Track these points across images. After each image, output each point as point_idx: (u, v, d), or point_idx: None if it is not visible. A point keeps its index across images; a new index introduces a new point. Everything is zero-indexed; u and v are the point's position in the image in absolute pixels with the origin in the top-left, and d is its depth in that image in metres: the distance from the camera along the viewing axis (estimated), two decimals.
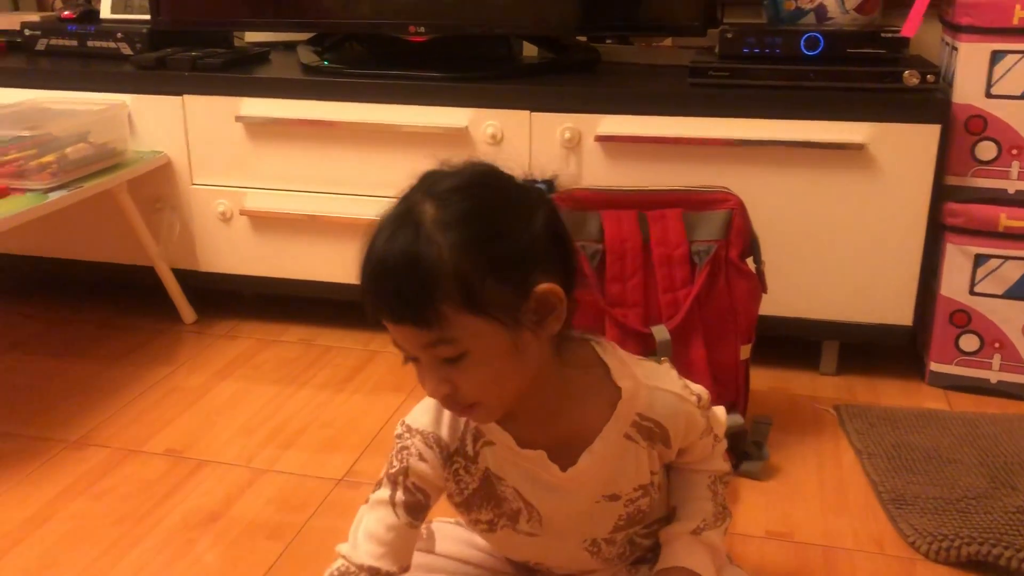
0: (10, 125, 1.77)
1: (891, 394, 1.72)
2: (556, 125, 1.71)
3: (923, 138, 1.59)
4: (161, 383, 1.78)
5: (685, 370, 1.41)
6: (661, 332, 1.40)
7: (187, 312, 2.04)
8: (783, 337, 1.75)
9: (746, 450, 1.47)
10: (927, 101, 1.59)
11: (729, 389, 1.46)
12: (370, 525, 0.96)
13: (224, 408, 1.69)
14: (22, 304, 2.18)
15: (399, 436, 0.98)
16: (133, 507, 1.39)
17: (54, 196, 1.65)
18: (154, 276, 1.99)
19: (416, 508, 0.96)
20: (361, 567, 0.94)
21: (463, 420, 0.95)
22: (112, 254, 2.03)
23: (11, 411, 1.67)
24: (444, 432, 0.96)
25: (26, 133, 1.69)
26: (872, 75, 1.62)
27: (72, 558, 1.27)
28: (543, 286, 0.83)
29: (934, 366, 1.73)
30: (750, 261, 1.48)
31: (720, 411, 1.06)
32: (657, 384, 0.96)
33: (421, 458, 0.95)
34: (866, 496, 1.40)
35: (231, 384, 1.78)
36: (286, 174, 1.88)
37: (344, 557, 0.96)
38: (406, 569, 0.97)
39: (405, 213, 0.83)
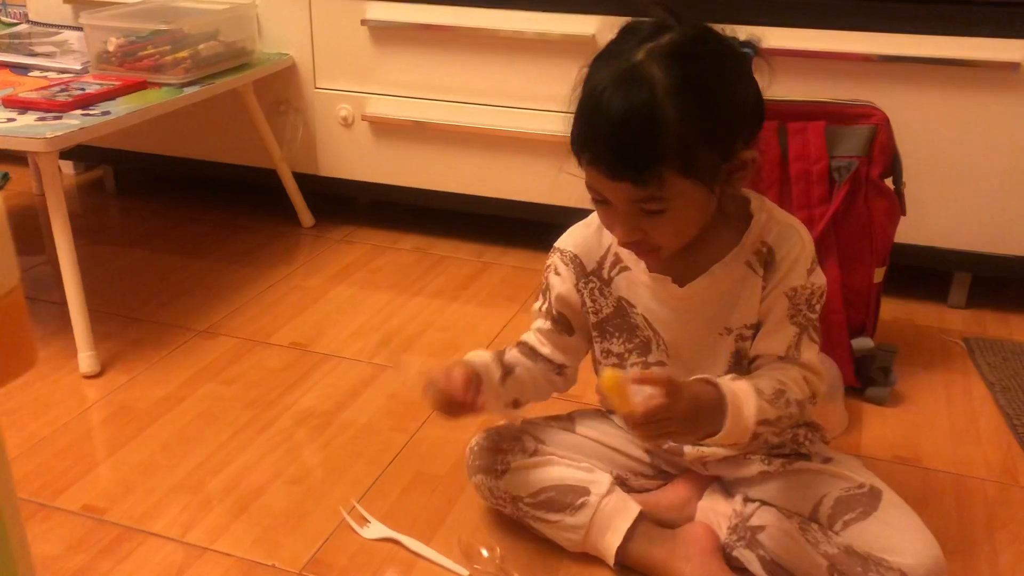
0: (143, 21, 1.80)
1: None
2: None
3: None
4: (281, 282, 1.82)
5: None
6: None
7: (306, 216, 2.08)
8: (911, 267, 1.69)
9: (872, 375, 1.43)
10: None
11: (860, 312, 1.41)
12: (530, 330, 1.11)
13: (343, 308, 1.72)
14: (148, 201, 2.25)
15: (549, 256, 1.08)
16: (262, 393, 1.44)
17: (188, 91, 1.68)
18: (275, 178, 2.03)
19: (559, 321, 1.08)
20: (520, 342, 1.10)
21: (605, 246, 1.03)
22: (236, 155, 2.07)
23: (141, 300, 1.74)
24: (583, 253, 1.05)
25: (163, 27, 1.72)
26: None
27: (207, 436, 1.33)
28: (746, 153, 0.90)
29: None
30: (890, 181, 1.42)
31: (819, 364, 1.00)
32: (792, 223, 0.99)
33: (556, 272, 1.06)
34: (999, 428, 1.36)
35: (348, 287, 1.81)
36: (408, 81, 1.88)
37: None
38: (563, 367, 1.09)
39: (633, 72, 0.85)
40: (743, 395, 0.91)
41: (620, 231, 0.92)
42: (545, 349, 1.09)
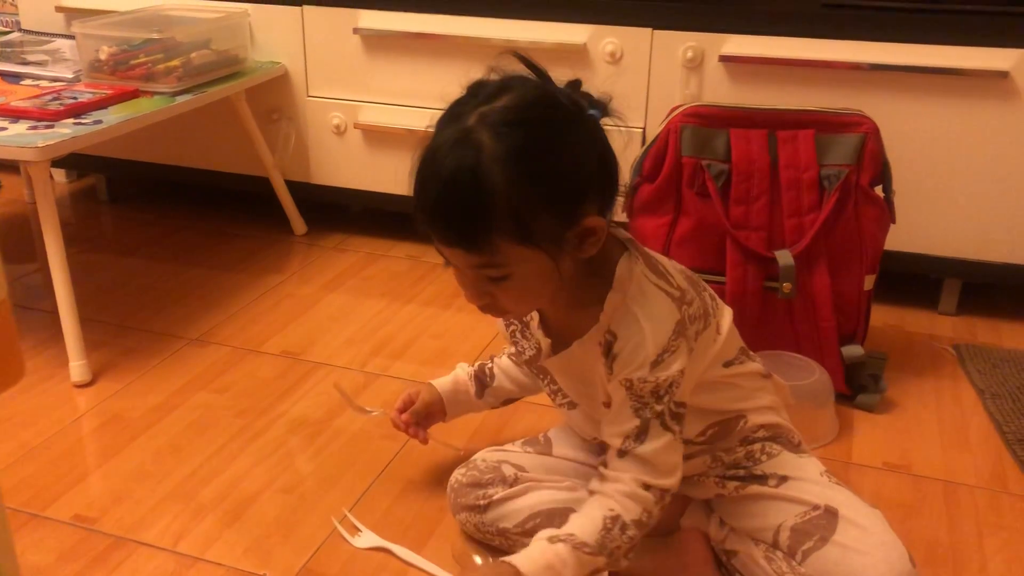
0: (135, 30, 1.81)
1: (1014, 336, 1.65)
2: (678, 44, 1.67)
3: None
4: (274, 290, 1.82)
5: (808, 297, 1.39)
6: (785, 257, 1.37)
7: (298, 224, 2.08)
8: (901, 274, 1.70)
9: (862, 382, 1.43)
10: None
11: (850, 319, 1.42)
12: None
13: (336, 316, 1.72)
14: (140, 210, 2.25)
15: None
16: (254, 402, 1.44)
17: (181, 99, 1.69)
18: (267, 186, 2.03)
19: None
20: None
21: None
22: (228, 163, 2.07)
23: (133, 309, 1.74)
24: None
25: (155, 35, 1.72)
26: None
27: (198, 445, 1.33)
28: (590, 220, 0.87)
29: None
30: (879, 189, 1.43)
31: (671, 460, 0.94)
32: (637, 310, 0.91)
33: None
34: (988, 435, 1.36)
35: (341, 295, 1.81)
36: (401, 89, 1.88)
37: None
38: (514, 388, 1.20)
39: (463, 139, 0.83)
40: (548, 562, 0.89)
41: (467, 294, 0.92)
42: (520, 374, 1.13)
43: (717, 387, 1.02)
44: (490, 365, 1.23)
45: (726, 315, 1.03)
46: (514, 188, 0.82)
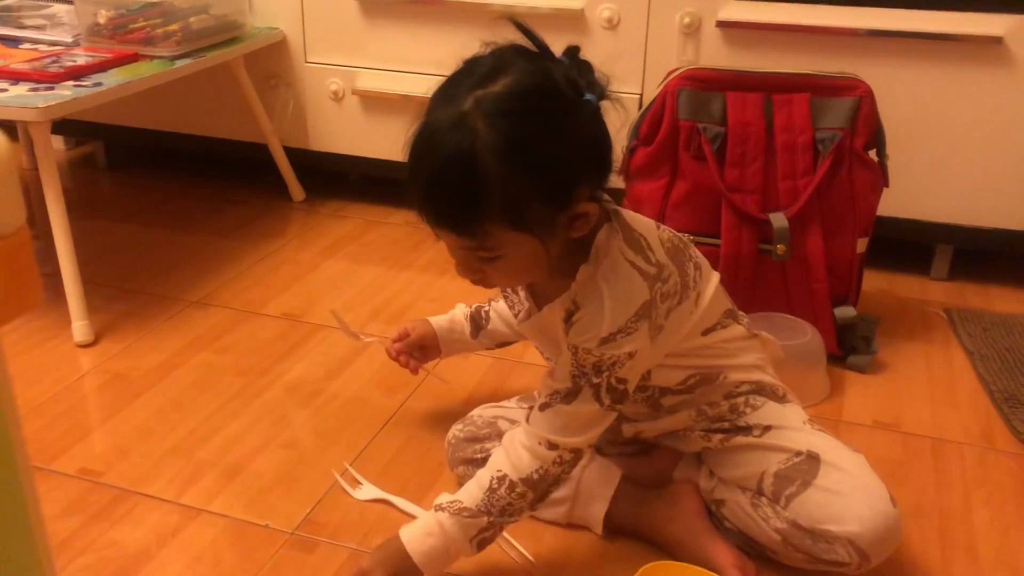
0: None
1: (1004, 302, 1.68)
2: (675, 9, 1.67)
3: None
4: (272, 255, 1.84)
5: (801, 259, 1.41)
6: (779, 219, 1.38)
7: (296, 190, 2.09)
8: (894, 240, 1.72)
9: (854, 344, 1.46)
10: None
11: (843, 281, 1.44)
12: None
13: (335, 281, 1.74)
14: (140, 176, 2.26)
15: None
16: (255, 362, 1.45)
17: (180, 64, 1.69)
18: (266, 153, 2.04)
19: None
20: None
21: None
22: (226, 130, 2.08)
23: (134, 272, 1.75)
24: None
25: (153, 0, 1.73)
26: None
27: (200, 403, 1.35)
28: (582, 206, 0.88)
29: None
30: (873, 153, 1.44)
31: (589, 425, 0.96)
32: (604, 287, 0.92)
33: None
34: (977, 395, 1.39)
35: (339, 260, 1.83)
36: (398, 55, 1.89)
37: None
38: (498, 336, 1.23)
39: (457, 124, 0.83)
40: (433, 532, 0.96)
41: (458, 269, 0.94)
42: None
43: (695, 350, 1.04)
44: (487, 308, 1.26)
45: (711, 282, 1.04)
46: (507, 178, 0.83)
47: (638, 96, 1.74)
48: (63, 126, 2.20)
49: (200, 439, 1.27)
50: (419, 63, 1.88)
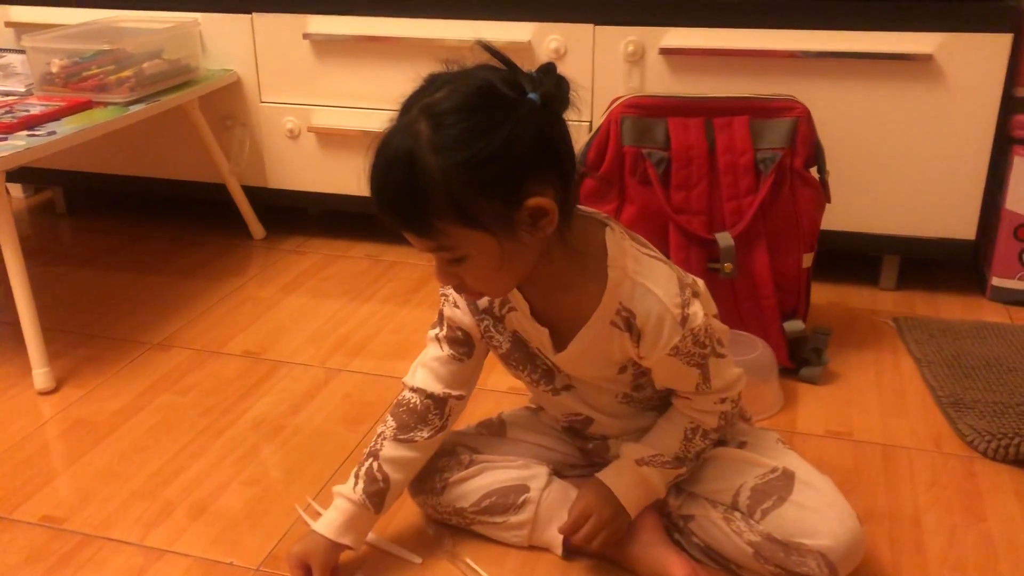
0: (86, 42, 1.83)
1: (951, 309, 1.73)
2: (620, 38, 1.72)
3: (993, 48, 1.58)
4: (234, 294, 1.85)
5: (749, 276, 1.45)
6: (725, 239, 1.42)
7: (256, 228, 2.11)
8: (843, 252, 1.76)
9: (806, 357, 1.49)
10: (998, 9, 1.57)
11: (791, 296, 1.48)
12: (424, 358, 1.12)
13: (296, 316, 1.75)
14: (99, 221, 2.26)
15: (443, 289, 1.08)
16: (217, 401, 1.46)
17: (134, 109, 1.71)
18: (224, 193, 2.06)
19: (458, 343, 1.09)
20: (414, 389, 1.10)
21: None
22: (184, 171, 2.10)
23: (95, 317, 1.76)
24: None
25: (106, 47, 1.75)
26: None
27: (163, 444, 1.36)
28: (533, 200, 0.88)
29: (996, 281, 1.74)
30: (814, 171, 1.49)
31: (732, 373, 1.04)
32: (644, 281, 0.97)
33: (455, 305, 1.08)
34: (924, 400, 1.43)
35: (301, 296, 1.84)
36: (352, 91, 1.92)
37: (403, 383, 1.12)
38: (459, 397, 1.10)
39: (403, 129, 0.88)
40: (639, 483, 1.06)
41: (438, 277, 0.96)
42: (438, 386, 1.09)
43: None
44: (375, 465, 1.09)
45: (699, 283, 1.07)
46: (449, 174, 0.86)
47: (587, 124, 1.78)
48: (21, 174, 2.21)
49: (164, 480, 1.27)
50: (372, 99, 1.91)
